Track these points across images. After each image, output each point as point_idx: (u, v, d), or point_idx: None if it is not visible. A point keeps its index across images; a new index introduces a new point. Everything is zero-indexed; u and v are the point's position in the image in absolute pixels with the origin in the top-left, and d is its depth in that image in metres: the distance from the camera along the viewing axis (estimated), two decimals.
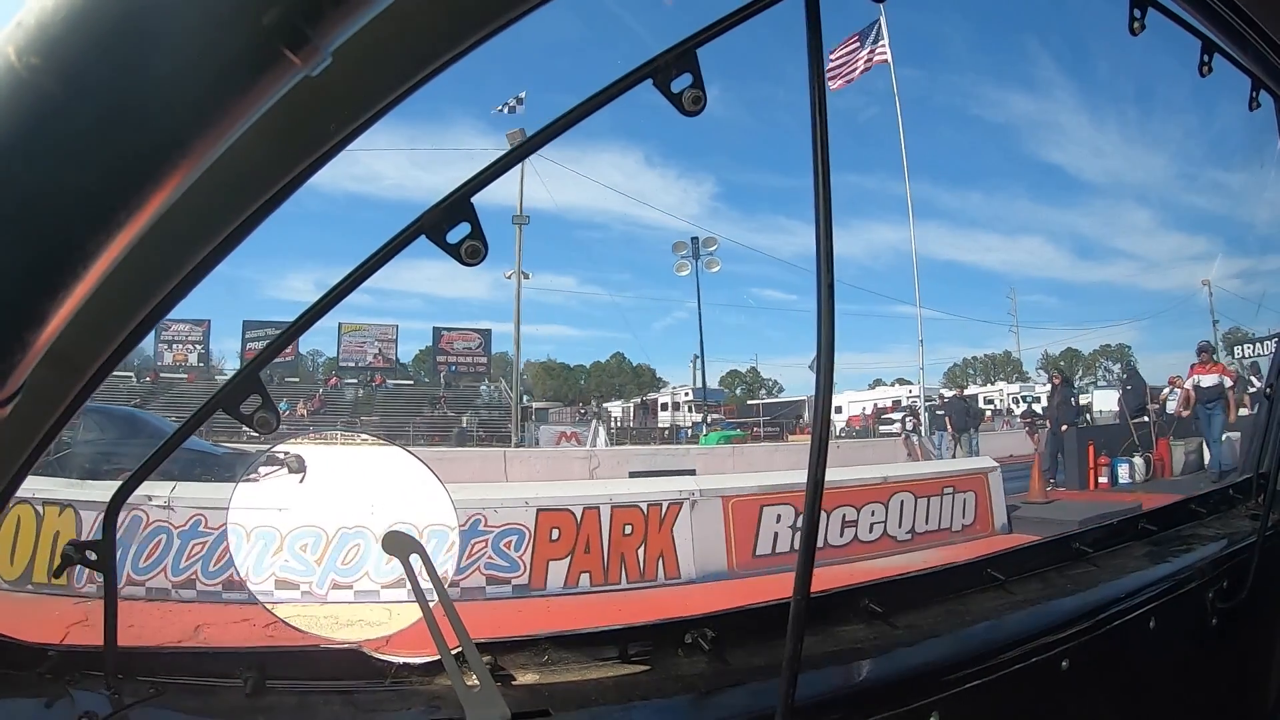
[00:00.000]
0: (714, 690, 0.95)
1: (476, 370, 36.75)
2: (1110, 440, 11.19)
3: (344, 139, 0.60)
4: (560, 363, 48.37)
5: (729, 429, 26.37)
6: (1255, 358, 19.99)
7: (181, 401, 25.50)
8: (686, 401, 33.73)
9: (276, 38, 0.37)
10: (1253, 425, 2.01)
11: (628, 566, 6.23)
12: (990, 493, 7.85)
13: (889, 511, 7.22)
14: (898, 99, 23.39)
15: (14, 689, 0.88)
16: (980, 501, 7.74)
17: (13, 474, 0.65)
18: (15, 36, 0.34)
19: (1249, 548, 1.47)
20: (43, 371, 0.42)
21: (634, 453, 18.43)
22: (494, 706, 0.78)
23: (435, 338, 36.34)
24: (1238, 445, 10.34)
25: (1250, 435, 2.14)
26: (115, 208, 0.38)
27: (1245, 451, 6.76)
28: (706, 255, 27.40)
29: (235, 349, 34.18)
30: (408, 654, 0.93)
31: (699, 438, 24.53)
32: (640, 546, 6.28)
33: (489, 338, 37.33)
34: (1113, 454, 10.85)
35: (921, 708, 0.94)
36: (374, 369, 35.08)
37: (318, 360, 38.94)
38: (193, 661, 0.94)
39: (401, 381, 36.31)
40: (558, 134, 0.71)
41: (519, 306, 27.64)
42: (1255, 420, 2.14)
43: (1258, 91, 1.42)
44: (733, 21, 0.76)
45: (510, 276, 26.80)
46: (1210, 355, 10.91)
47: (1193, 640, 1.40)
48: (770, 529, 6.71)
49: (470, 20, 0.59)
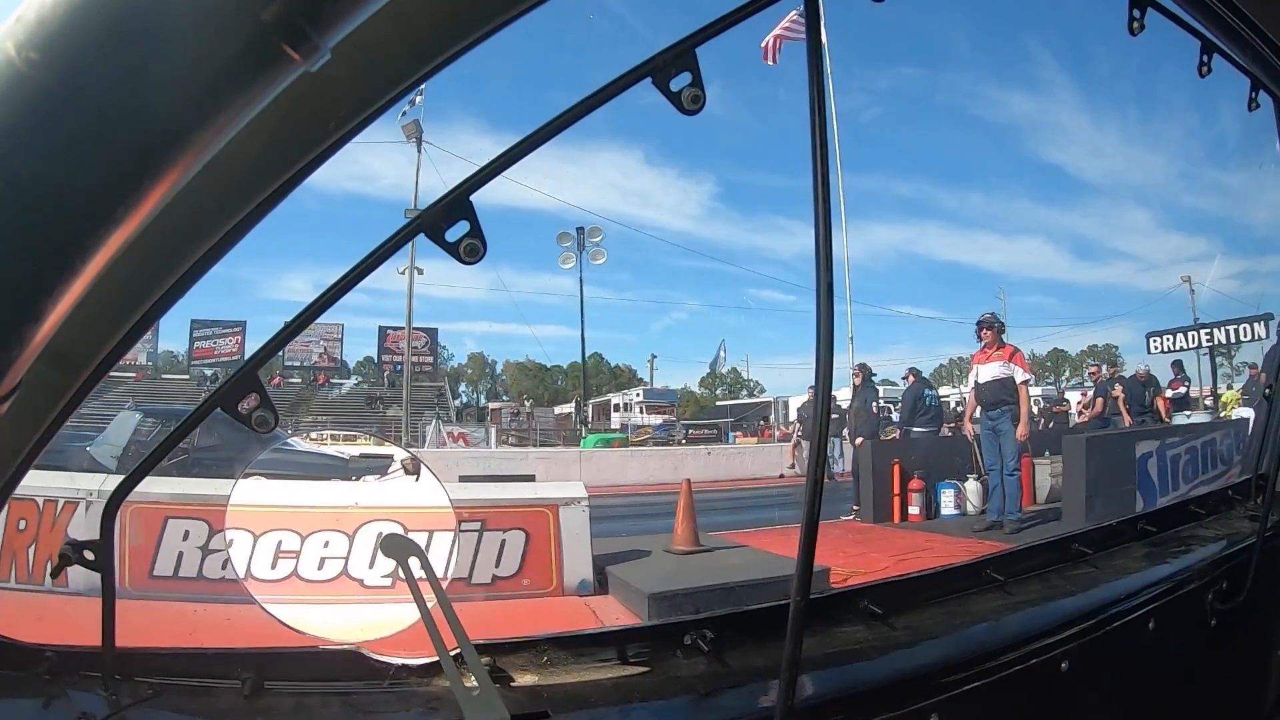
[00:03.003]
0: (713, 692, 0.95)
1: (422, 369, 36.45)
2: (941, 457, 8.47)
3: (343, 136, 0.60)
4: (536, 362, 48.31)
5: (611, 433, 26.28)
6: (1175, 352, 18.40)
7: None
8: (638, 403, 33.65)
9: (275, 34, 0.36)
10: (1251, 427, 2.01)
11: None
12: (558, 533, 5.20)
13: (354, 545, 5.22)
14: (830, 82, 22.74)
15: (11, 690, 0.88)
16: (536, 546, 5.14)
17: (12, 471, 0.65)
18: (15, 32, 0.34)
19: (1248, 549, 1.47)
20: (41, 368, 0.42)
21: (485, 455, 17.85)
22: (493, 708, 0.78)
23: (380, 337, 36.06)
24: (1049, 486, 8.46)
25: (1250, 437, 2.15)
26: (114, 204, 0.37)
27: (1244, 452, 6.69)
28: (593, 246, 26.60)
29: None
30: (406, 655, 0.93)
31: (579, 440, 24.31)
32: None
33: (434, 336, 37.28)
34: (939, 476, 8.20)
35: (921, 709, 0.94)
36: (319, 368, 34.97)
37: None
38: (191, 662, 0.94)
39: (344, 381, 36.20)
40: (556, 132, 0.71)
41: (410, 304, 27.13)
42: (1254, 421, 2.14)
43: (1257, 92, 1.42)
44: (732, 20, 0.76)
45: (403, 272, 26.09)
46: (997, 334, 7.17)
47: (1192, 641, 1.40)
48: (174, 547, 4.90)
49: (470, 17, 0.59)
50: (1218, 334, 17.71)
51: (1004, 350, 7.10)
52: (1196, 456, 8.33)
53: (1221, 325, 17.65)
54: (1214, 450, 8.67)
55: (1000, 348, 7.12)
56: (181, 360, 35.41)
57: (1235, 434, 9.32)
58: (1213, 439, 8.86)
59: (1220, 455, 8.71)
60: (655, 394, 34.29)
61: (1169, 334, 19.13)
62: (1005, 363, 7.04)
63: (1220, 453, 8.73)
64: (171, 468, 6.22)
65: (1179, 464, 7.97)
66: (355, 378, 36.51)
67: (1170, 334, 19.01)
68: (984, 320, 7.27)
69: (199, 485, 5.27)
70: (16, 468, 0.65)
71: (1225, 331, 17.83)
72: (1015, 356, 7.08)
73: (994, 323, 7.26)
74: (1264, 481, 1.79)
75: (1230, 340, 17.81)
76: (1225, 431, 9.41)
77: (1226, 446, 8.87)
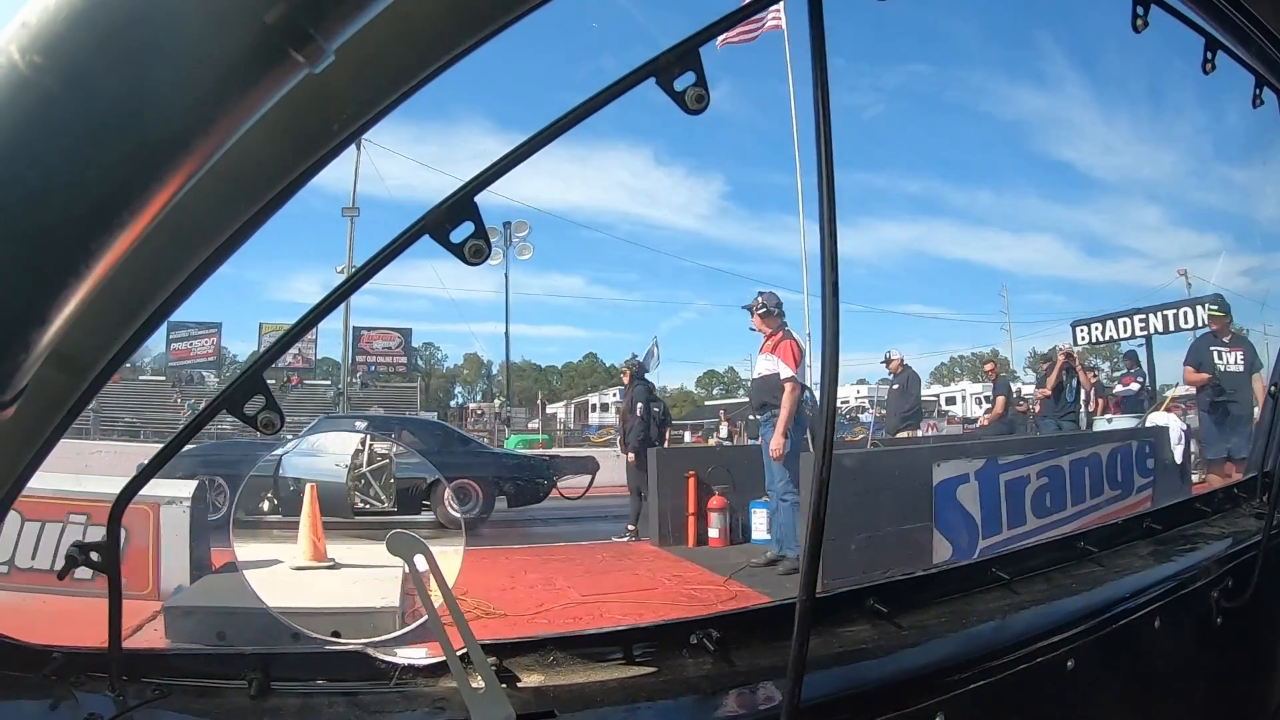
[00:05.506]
0: (719, 691, 0.95)
1: (396, 370, 36.55)
2: (759, 469, 5.88)
3: (348, 137, 0.60)
4: (531, 363, 48.30)
5: (532, 434, 25.91)
6: (1106, 343, 14.52)
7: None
8: (613, 402, 33.20)
9: (280, 36, 0.36)
10: (1257, 424, 2.01)
11: None
12: (157, 534, 4.67)
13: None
14: (790, 70, 22.01)
15: (18, 691, 0.88)
16: (135, 545, 4.54)
17: (16, 476, 0.65)
18: (19, 36, 0.34)
19: (1254, 547, 1.47)
20: (46, 372, 0.42)
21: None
22: (499, 708, 0.78)
23: (355, 337, 35.55)
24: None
25: (1255, 434, 2.13)
26: (119, 207, 0.37)
27: (1250, 450, 6.24)
28: (519, 241, 26.48)
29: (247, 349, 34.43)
30: (412, 655, 0.93)
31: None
32: None
33: (409, 337, 37.10)
34: (756, 493, 6.17)
35: (927, 708, 0.94)
36: (292, 369, 34.67)
37: (239, 360, 38.69)
38: (197, 663, 0.94)
39: (318, 382, 35.98)
40: (561, 132, 0.71)
41: (348, 303, 26.77)
42: (1260, 419, 2.13)
43: (1261, 89, 1.41)
44: (735, 20, 0.76)
45: (341, 271, 25.97)
46: (774, 321, 5.48)
47: (1198, 639, 1.40)
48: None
49: (474, 18, 0.59)
50: (1154, 320, 13.39)
51: (773, 339, 5.44)
52: (1061, 481, 5.70)
53: (1158, 310, 13.59)
54: (1094, 470, 6.01)
55: (772, 336, 5.45)
56: (149, 364, 35.40)
57: (1142, 449, 6.63)
58: (1093, 456, 6.07)
59: (1109, 477, 6.14)
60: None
61: (1097, 322, 15.07)
62: (770, 355, 5.40)
63: (1109, 474, 6.15)
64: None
65: (1024, 492, 5.46)
66: (328, 380, 36.49)
67: (1099, 321, 14.93)
68: (753, 304, 5.54)
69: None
70: (22, 471, 0.65)
71: (1162, 317, 13.58)
72: (781, 347, 5.36)
73: (765, 305, 5.48)
74: (1270, 479, 1.79)
75: (1169, 327, 13.56)
76: (1121, 445, 6.48)
77: (1121, 465, 6.28)
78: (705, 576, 5.49)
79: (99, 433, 20.24)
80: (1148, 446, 6.75)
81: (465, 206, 0.67)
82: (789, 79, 22.10)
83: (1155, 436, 7.12)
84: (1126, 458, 6.42)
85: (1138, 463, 6.51)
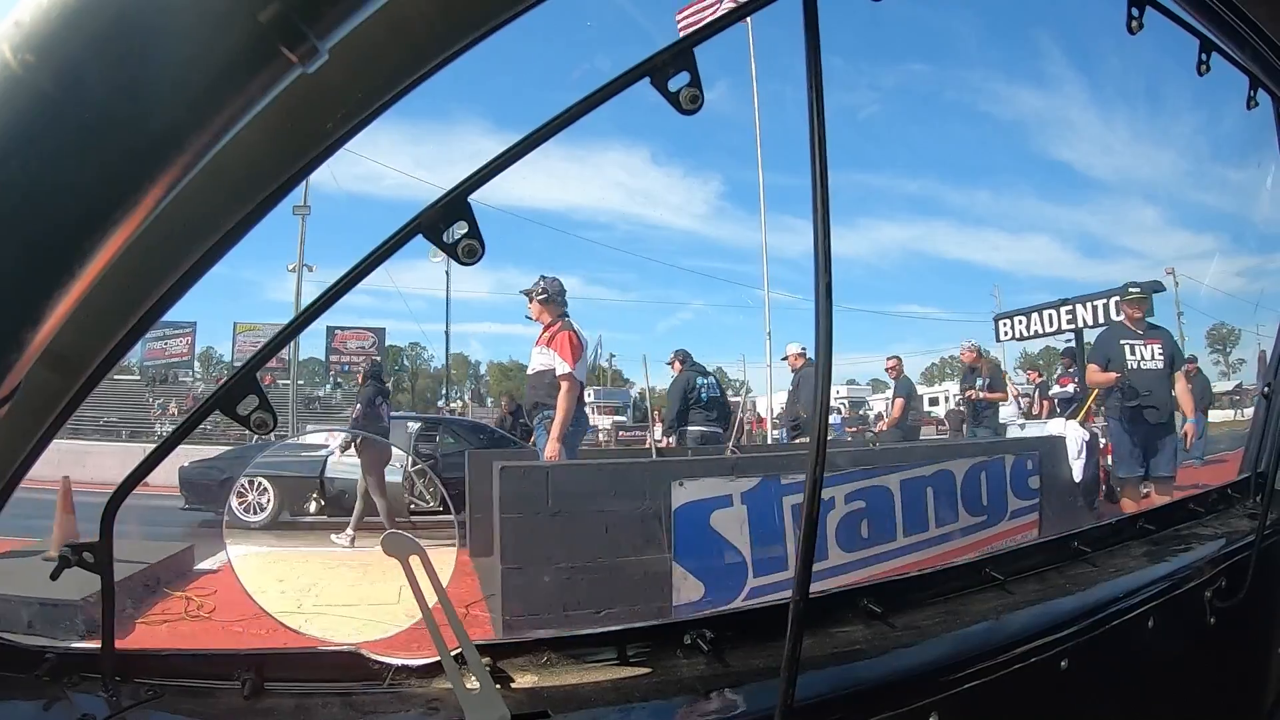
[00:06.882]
0: (713, 691, 0.95)
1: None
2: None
3: (342, 137, 0.60)
4: (519, 363, 48.04)
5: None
6: (1029, 339, 12.65)
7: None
8: (593, 403, 32.78)
9: (273, 35, 0.36)
10: (1250, 425, 2.01)
11: None
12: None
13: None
14: (754, 63, 21.77)
15: (11, 691, 0.87)
16: None
17: (10, 474, 0.65)
18: (11, 35, 0.34)
19: (1247, 547, 1.47)
20: (40, 371, 0.42)
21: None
22: (493, 709, 0.78)
23: (329, 337, 35.11)
24: None
25: (1248, 434, 2.14)
26: (112, 206, 0.37)
27: (1243, 450, 6.06)
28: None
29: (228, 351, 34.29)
30: (406, 656, 0.93)
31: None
32: None
33: (382, 336, 36.81)
34: None
35: (921, 708, 0.94)
36: (266, 369, 34.26)
37: (218, 359, 38.65)
38: (191, 664, 0.94)
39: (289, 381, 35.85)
40: (555, 132, 0.71)
41: (299, 302, 25.83)
42: (1253, 419, 2.14)
43: (1255, 90, 1.42)
44: (730, 20, 0.76)
45: (293, 269, 25.68)
46: (552, 310, 4.83)
47: (1191, 639, 1.40)
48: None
49: (468, 17, 0.59)
50: (1082, 311, 11.44)
51: (550, 329, 4.75)
52: (887, 505, 4.43)
53: (1087, 301, 11.53)
54: (943, 492, 4.68)
55: (550, 326, 4.77)
56: (122, 363, 35.24)
57: (1021, 465, 5.21)
58: (942, 474, 4.74)
59: (967, 500, 4.80)
60: (607, 394, 31.03)
61: (1020, 315, 13.18)
62: (545, 347, 4.70)
63: (968, 496, 4.80)
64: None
65: (825, 519, 4.10)
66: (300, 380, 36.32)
67: (1022, 315, 13.06)
68: (532, 289, 4.87)
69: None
70: (15, 470, 0.65)
71: (1091, 309, 11.42)
72: (558, 339, 4.67)
73: (546, 291, 4.82)
74: (1263, 479, 1.79)
75: (1098, 320, 11.22)
76: (988, 460, 5.07)
77: (989, 484, 4.90)
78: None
79: (69, 432, 20.03)
80: (1030, 462, 5.34)
81: (459, 206, 0.67)
82: (753, 77, 22.02)
83: (1044, 449, 5.69)
84: (997, 476, 5.03)
85: (1014, 482, 5.15)
